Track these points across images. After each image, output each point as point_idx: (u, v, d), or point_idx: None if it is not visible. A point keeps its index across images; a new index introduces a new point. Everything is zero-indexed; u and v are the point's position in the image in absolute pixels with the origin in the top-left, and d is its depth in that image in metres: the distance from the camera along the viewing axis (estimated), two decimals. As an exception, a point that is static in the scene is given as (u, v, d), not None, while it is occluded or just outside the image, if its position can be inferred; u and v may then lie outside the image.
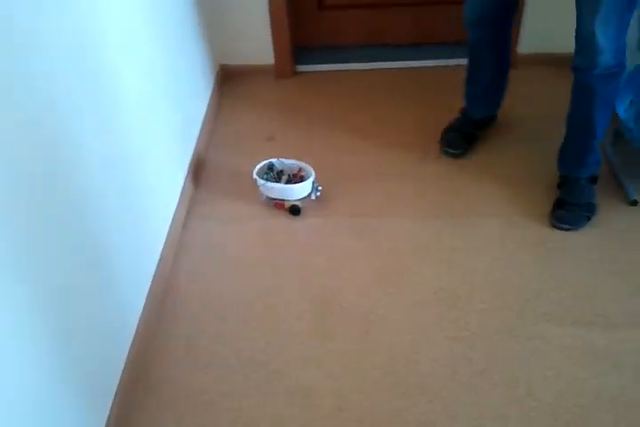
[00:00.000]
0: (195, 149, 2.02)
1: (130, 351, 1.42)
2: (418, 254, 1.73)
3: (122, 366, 1.38)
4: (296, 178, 1.89)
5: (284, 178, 1.90)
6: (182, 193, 1.85)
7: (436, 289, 1.63)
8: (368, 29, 2.55)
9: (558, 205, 1.80)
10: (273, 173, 1.91)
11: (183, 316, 1.59)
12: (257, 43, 2.41)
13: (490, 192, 1.91)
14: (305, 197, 1.86)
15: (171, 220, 1.75)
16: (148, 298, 1.54)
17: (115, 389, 1.34)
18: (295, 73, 2.49)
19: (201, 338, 1.54)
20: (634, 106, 2.00)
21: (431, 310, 1.58)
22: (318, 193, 1.86)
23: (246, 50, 2.44)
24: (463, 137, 2.09)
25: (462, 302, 1.59)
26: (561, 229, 1.77)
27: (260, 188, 1.86)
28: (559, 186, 1.86)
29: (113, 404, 1.31)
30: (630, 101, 2.00)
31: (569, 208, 1.78)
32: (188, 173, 1.93)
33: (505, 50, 2.01)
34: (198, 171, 2.02)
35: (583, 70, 1.67)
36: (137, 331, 1.46)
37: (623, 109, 2.01)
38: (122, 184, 1.43)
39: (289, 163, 1.92)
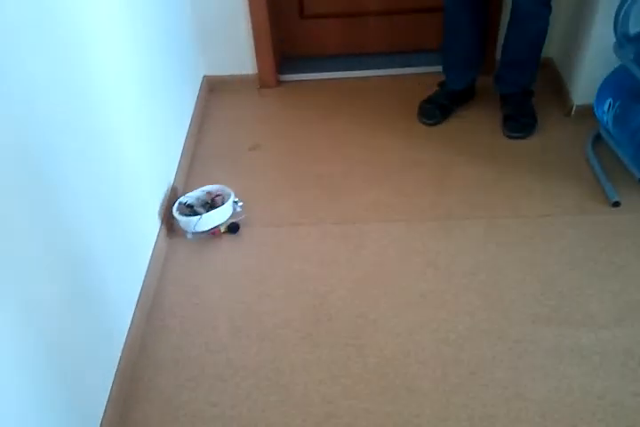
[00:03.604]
0: (179, 161, 2.02)
1: (118, 367, 1.41)
2: (403, 258, 1.74)
3: (110, 381, 1.38)
4: (215, 201, 1.86)
5: (200, 208, 1.83)
6: (167, 205, 1.86)
7: (423, 292, 1.64)
8: (349, 38, 2.57)
9: (504, 120, 2.15)
10: (193, 209, 1.83)
11: (172, 328, 1.59)
12: (240, 53, 2.43)
13: (474, 194, 1.93)
14: (233, 214, 1.85)
15: (157, 233, 1.75)
16: (135, 312, 1.54)
17: (104, 405, 1.33)
18: (279, 82, 2.51)
19: (190, 349, 1.53)
20: (613, 109, 2.03)
21: (419, 312, 1.59)
22: (241, 203, 1.86)
23: (230, 60, 2.46)
24: (438, 108, 2.22)
25: (449, 305, 1.60)
26: (512, 137, 2.12)
27: (194, 226, 1.77)
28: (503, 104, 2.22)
29: (103, 420, 1.31)
30: (609, 104, 2.04)
31: (514, 121, 2.13)
32: (173, 186, 1.93)
33: (485, 10, 2.13)
34: (184, 183, 2.03)
35: None
36: (125, 345, 1.46)
37: (602, 111, 2.05)
38: (106, 200, 1.43)
39: (194, 195, 1.88)
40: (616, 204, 1.86)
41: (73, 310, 1.22)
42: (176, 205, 1.84)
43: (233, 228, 1.84)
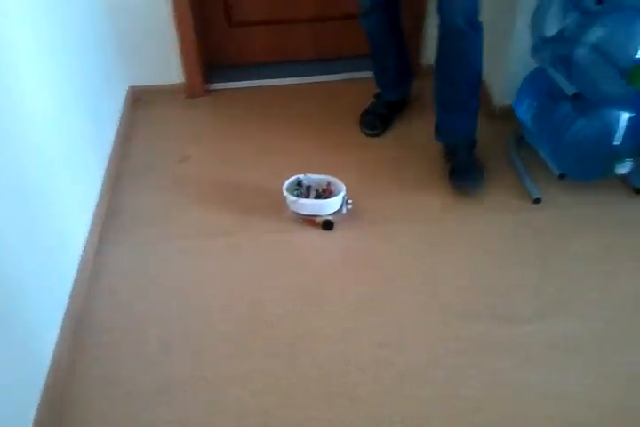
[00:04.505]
0: (105, 175, 1.97)
1: (45, 387, 1.37)
2: (339, 263, 1.76)
3: (36, 403, 1.33)
4: (325, 193, 1.88)
5: (313, 193, 1.89)
6: (93, 221, 1.80)
7: (360, 297, 1.65)
8: (278, 45, 2.58)
9: (452, 172, 1.97)
10: (302, 189, 1.89)
11: (102, 345, 1.54)
12: (166, 63, 2.39)
13: (406, 197, 1.96)
14: (336, 212, 1.85)
15: (84, 245, 1.71)
16: (62, 328, 1.49)
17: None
18: (207, 91, 2.49)
19: (122, 366, 1.50)
20: (532, 109, 2.11)
21: (356, 317, 1.60)
22: (349, 206, 1.86)
23: (156, 70, 2.42)
24: (378, 118, 2.24)
25: (386, 308, 1.62)
26: (462, 191, 1.94)
27: (291, 205, 1.85)
28: (446, 156, 2.04)
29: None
30: (528, 104, 2.11)
31: (463, 173, 1.96)
32: (100, 198, 1.88)
33: (401, 34, 2.16)
34: (110, 195, 1.98)
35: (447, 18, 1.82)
36: (52, 364, 1.41)
37: (522, 112, 2.12)
38: (27, 216, 1.38)
39: (316, 178, 1.91)
40: (537, 200, 1.93)
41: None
42: (292, 179, 1.88)
43: (326, 224, 1.83)
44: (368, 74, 2.34)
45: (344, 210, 1.86)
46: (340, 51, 2.61)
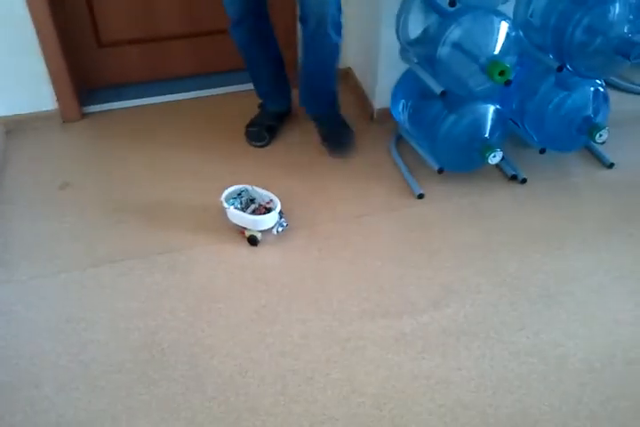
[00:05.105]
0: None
1: None
2: (232, 278, 1.74)
3: None
4: (261, 209, 1.85)
5: (252, 206, 1.85)
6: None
7: (257, 308, 1.65)
8: (153, 63, 2.53)
9: (324, 139, 2.19)
10: (241, 200, 1.87)
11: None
12: (36, 89, 2.28)
13: (295, 205, 1.98)
14: (266, 230, 1.83)
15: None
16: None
17: None
18: (83, 115, 2.40)
19: (14, 411, 1.41)
20: (406, 109, 2.20)
21: (254, 329, 1.59)
22: (281, 229, 1.84)
23: (26, 98, 2.30)
24: (265, 129, 2.27)
25: (283, 316, 1.63)
26: (336, 154, 2.16)
27: (226, 212, 1.84)
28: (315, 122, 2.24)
29: None
30: (403, 105, 2.20)
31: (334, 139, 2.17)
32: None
33: (275, 45, 2.18)
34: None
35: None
36: None
37: (397, 112, 2.21)
38: None
39: (262, 193, 1.88)
40: (420, 196, 2.01)
41: None
42: (236, 188, 1.88)
43: (251, 240, 1.82)
44: (251, 86, 2.34)
45: (275, 231, 1.85)
46: (219, 64, 2.60)
